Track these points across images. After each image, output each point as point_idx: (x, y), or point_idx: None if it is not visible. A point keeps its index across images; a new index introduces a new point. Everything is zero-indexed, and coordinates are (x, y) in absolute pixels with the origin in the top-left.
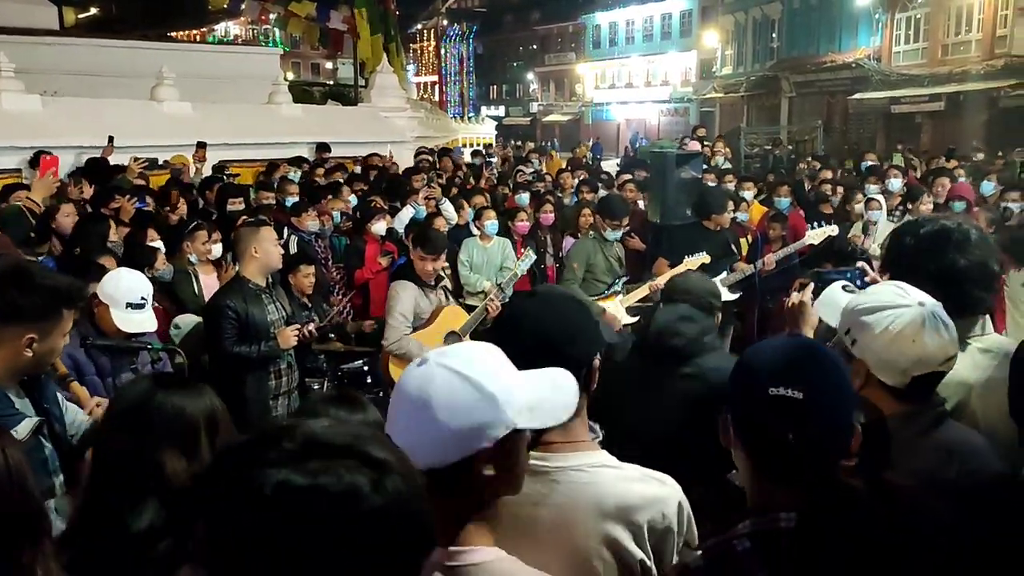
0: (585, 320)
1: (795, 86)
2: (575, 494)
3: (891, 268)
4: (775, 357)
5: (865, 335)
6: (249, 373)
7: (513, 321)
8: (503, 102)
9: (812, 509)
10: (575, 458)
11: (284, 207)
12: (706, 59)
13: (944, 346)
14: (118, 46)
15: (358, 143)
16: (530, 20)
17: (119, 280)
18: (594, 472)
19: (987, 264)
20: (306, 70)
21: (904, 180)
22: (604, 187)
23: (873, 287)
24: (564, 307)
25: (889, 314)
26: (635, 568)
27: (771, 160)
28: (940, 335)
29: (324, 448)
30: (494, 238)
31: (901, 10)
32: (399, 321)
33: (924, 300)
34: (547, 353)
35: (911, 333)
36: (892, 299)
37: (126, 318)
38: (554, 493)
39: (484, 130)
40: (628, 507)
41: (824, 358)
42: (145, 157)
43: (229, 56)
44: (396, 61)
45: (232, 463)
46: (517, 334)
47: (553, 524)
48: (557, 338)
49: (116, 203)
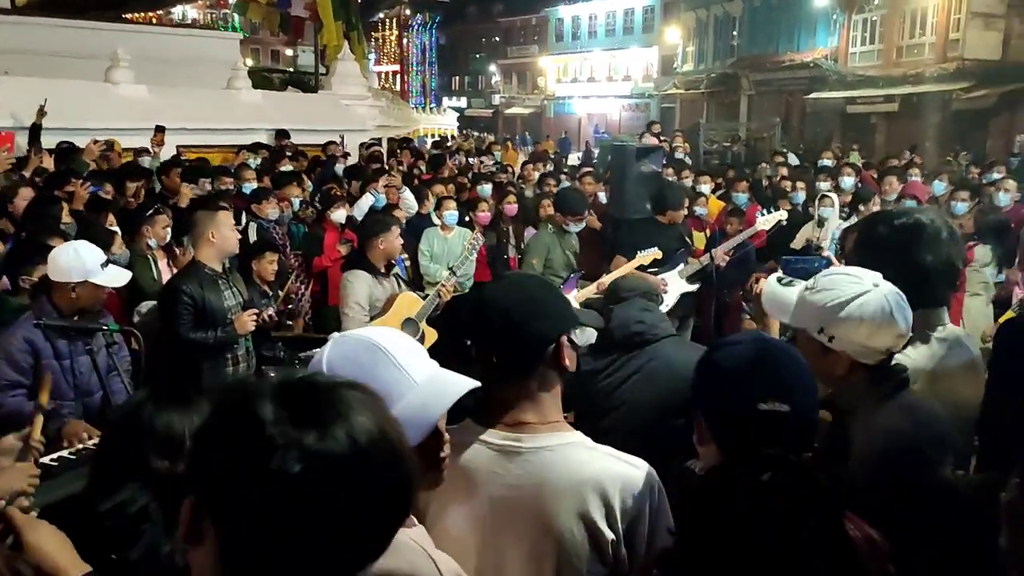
0: (551, 298)
1: (754, 84)
2: (548, 474)
3: (859, 253)
4: (755, 368)
5: (842, 330)
6: (206, 359)
7: (479, 301)
8: (465, 93)
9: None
10: (549, 438)
11: (242, 193)
12: (667, 55)
13: (907, 317)
14: (72, 26)
15: (318, 131)
16: (493, 12)
17: (79, 250)
18: (567, 452)
19: (953, 263)
20: (266, 56)
21: (858, 179)
22: (568, 179)
23: (824, 279)
24: (530, 287)
25: (859, 304)
26: (606, 547)
27: (729, 156)
28: (904, 309)
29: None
30: (455, 228)
31: (858, 12)
32: (355, 311)
33: (876, 280)
34: (511, 330)
35: (884, 318)
36: (852, 288)
37: (108, 277)
38: (527, 473)
39: (446, 121)
40: (600, 487)
41: (796, 361)
42: (104, 140)
43: (187, 39)
44: (358, 49)
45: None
46: (483, 315)
47: (526, 504)
48: (521, 315)
49: (71, 186)
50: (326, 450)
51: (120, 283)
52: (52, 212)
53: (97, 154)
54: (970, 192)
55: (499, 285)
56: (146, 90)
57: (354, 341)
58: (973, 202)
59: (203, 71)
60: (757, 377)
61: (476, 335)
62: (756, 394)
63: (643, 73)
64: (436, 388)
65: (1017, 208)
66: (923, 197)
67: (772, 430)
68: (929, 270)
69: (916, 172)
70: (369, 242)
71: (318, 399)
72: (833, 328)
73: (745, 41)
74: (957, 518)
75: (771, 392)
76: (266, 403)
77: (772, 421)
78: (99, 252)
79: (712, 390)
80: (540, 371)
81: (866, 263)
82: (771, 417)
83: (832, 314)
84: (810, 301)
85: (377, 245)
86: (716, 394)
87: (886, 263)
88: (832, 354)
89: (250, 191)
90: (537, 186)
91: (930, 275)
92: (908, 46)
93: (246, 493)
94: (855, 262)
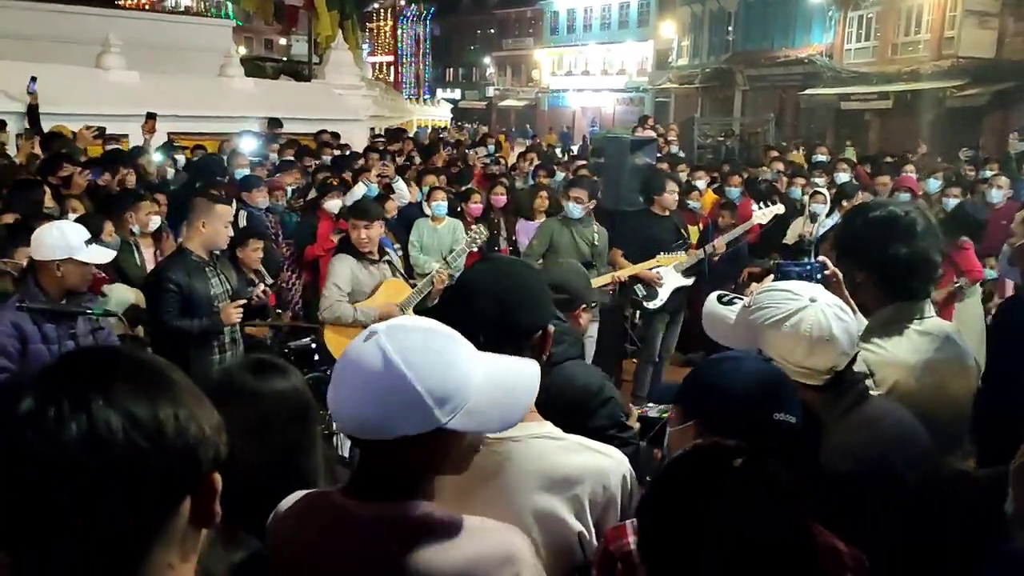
0: (539, 286)
1: (749, 79)
2: (515, 466)
3: (838, 249)
4: (763, 380)
5: (779, 350)
6: (192, 346)
7: (468, 286)
8: (459, 85)
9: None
10: (518, 429)
11: (234, 180)
12: (662, 49)
13: (851, 332)
14: (62, 11)
15: (311, 119)
16: (488, 4)
17: (62, 231)
18: (535, 443)
19: (928, 255)
20: (259, 45)
21: (852, 175)
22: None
23: (761, 295)
24: (518, 273)
25: (793, 322)
26: (572, 541)
27: (724, 151)
28: (844, 322)
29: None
30: (445, 219)
31: (853, 8)
32: (332, 291)
33: (815, 295)
34: (500, 317)
35: (822, 334)
36: (787, 305)
37: (92, 254)
38: (495, 465)
39: (439, 112)
40: (567, 478)
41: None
42: (96, 126)
43: (179, 26)
44: (351, 39)
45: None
46: (471, 298)
47: (491, 496)
48: (510, 303)
49: (65, 171)
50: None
51: (104, 260)
52: (35, 196)
53: (90, 139)
54: (962, 188)
55: (485, 269)
56: (137, 76)
57: (418, 330)
58: (964, 198)
59: (195, 58)
60: (768, 389)
61: (462, 320)
62: (771, 407)
63: (638, 67)
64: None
65: (1009, 205)
66: (916, 190)
67: (780, 441)
68: (903, 262)
69: (911, 168)
70: (351, 228)
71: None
72: (770, 348)
73: (740, 36)
74: (938, 527)
75: (783, 406)
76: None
77: (783, 433)
78: (83, 229)
79: (721, 405)
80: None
81: (843, 257)
82: (780, 429)
83: (767, 332)
84: (746, 320)
85: (351, 232)
86: (727, 408)
87: (862, 254)
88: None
89: (241, 177)
90: (531, 176)
91: (904, 268)
92: (903, 43)
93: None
94: (834, 257)
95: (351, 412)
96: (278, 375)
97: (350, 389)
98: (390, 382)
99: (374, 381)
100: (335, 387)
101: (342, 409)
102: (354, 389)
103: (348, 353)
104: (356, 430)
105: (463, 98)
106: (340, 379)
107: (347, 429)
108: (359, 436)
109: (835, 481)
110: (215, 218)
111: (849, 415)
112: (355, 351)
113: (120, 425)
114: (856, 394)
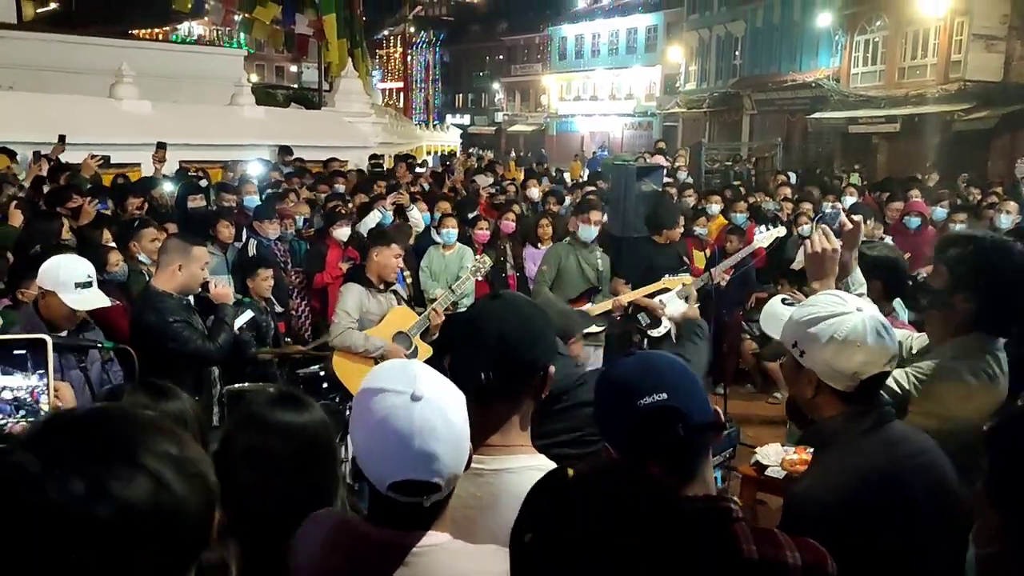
0: (544, 326)
1: (756, 103)
2: (509, 497)
3: (949, 269)
4: (637, 371)
5: (812, 346)
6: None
7: (478, 323)
8: (468, 111)
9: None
10: (511, 461)
11: (243, 207)
12: (670, 74)
13: (886, 348)
14: (77, 42)
15: (321, 147)
16: (497, 30)
17: (59, 265)
18: (528, 474)
19: None
20: (270, 73)
21: (860, 199)
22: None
23: (812, 297)
24: (526, 312)
25: (832, 323)
26: None
27: (731, 175)
28: (881, 337)
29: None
30: (455, 246)
31: (860, 33)
32: (342, 318)
33: (862, 306)
34: (507, 356)
35: (855, 339)
36: (832, 308)
37: (78, 298)
38: (489, 496)
39: (449, 138)
40: None
41: (679, 366)
42: (100, 155)
43: (191, 56)
44: (361, 66)
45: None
46: (480, 335)
47: (488, 527)
48: (518, 342)
49: (74, 203)
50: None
51: (91, 307)
52: (52, 228)
53: (94, 169)
54: (967, 213)
55: (494, 305)
56: (149, 106)
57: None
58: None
59: (207, 87)
60: (638, 379)
61: (468, 355)
62: (638, 393)
63: (646, 92)
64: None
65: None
66: (927, 214)
67: (656, 427)
68: (1016, 295)
69: (916, 193)
70: (368, 253)
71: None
72: (804, 343)
73: (747, 61)
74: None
75: (651, 390)
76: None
77: (655, 418)
78: (82, 270)
79: (601, 401)
80: (523, 397)
81: (952, 278)
82: (654, 414)
83: (805, 328)
84: (793, 316)
85: (372, 256)
86: (604, 403)
87: (972, 281)
88: (803, 372)
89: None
90: (541, 204)
91: (1014, 300)
92: (910, 67)
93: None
94: (936, 278)
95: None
96: (304, 409)
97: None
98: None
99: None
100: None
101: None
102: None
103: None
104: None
105: (472, 123)
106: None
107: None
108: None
109: (848, 499)
110: (192, 261)
111: (869, 435)
112: (400, 411)
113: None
114: (879, 414)
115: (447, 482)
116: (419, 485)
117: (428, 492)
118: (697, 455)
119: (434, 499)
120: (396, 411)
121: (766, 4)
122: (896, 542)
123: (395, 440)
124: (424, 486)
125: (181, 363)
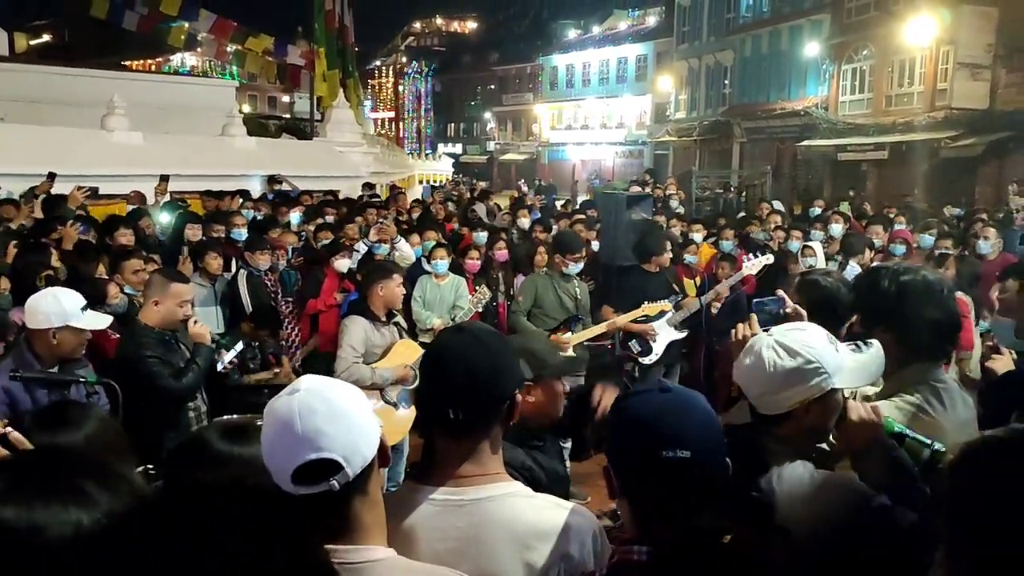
0: (508, 357)
1: (746, 132)
2: (490, 525)
3: (863, 308)
4: (659, 417)
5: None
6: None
7: (442, 357)
8: (460, 140)
9: (667, 547)
10: (488, 489)
11: (231, 239)
12: (660, 103)
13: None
14: (69, 74)
15: (312, 177)
16: (488, 60)
17: (57, 295)
18: (507, 501)
19: (957, 319)
20: (262, 103)
21: (847, 227)
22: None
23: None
24: (490, 345)
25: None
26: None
27: (722, 204)
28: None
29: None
30: (448, 276)
31: (847, 61)
32: (348, 352)
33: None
34: (474, 391)
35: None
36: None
37: (89, 320)
38: (469, 526)
39: (441, 167)
40: (539, 534)
41: (701, 410)
42: (88, 186)
43: (183, 87)
44: (353, 97)
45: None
46: (445, 369)
47: (472, 556)
48: (483, 375)
49: (57, 233)
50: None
51: (100, 326)
52: (41, 259)
53: (81, 200)
54: (953, 241)
55: (460, 340)
56: (141, 137)
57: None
58: (957, 250)
59: (199, 118)
60: (660, 426)
61: (436, 390)
62: (659, 443)
63: (636, 120)
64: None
65: (1003, 257)
66: (912, 241)
67: (675, 478)
68: (938, 324)
69: (901, 220)
70: (370, 288)
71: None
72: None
73: (737, 90)
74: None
75: (674, 441)
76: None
77: (675, 469)
78: (76, 295)
79: (619, 441)
80: (492, 426)
81: (868, 316)
82: (674, 465)
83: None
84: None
85: (377, 291)
86: (622, 445)
87: (890, 316)
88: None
89: (242, 239)
90: (528, 233)
91: (939, 329)
92: (897, 95)
93: None
94: (855, 316)
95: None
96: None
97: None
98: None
99: (274, 435)
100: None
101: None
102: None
103: (272, 406)
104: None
105: (464, 152)
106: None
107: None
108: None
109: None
110: (169, 297)
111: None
112: (278, 404)
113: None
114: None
115: (348, 461)
116: (317, 465)
117: (330, 473)
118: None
119: (340, 480)
120: (277, 406)
121: (754, 34)
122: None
123: (280, 429)
124: (323, 465)
125: (152, 397)
